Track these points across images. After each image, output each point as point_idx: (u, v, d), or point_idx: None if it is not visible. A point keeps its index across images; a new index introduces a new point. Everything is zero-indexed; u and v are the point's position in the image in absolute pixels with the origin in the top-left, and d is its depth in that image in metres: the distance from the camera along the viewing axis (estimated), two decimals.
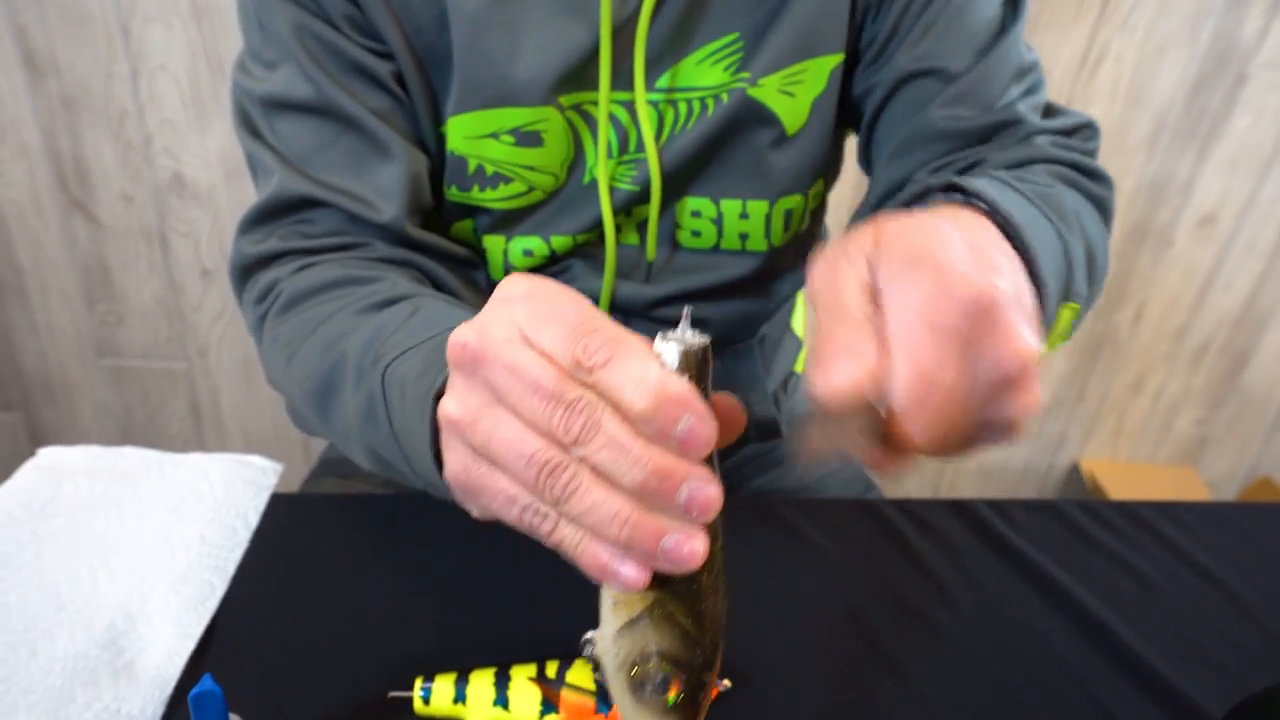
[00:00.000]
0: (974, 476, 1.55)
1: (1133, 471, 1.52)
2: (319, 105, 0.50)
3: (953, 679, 0.48)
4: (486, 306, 0.28)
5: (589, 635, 0.29)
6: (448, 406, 0.28)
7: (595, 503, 0.26)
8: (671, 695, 0.28)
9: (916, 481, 1.54)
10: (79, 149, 1.14)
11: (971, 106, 0.51)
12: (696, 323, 0.27)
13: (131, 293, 1.25)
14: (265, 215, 0.52)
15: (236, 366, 1.32)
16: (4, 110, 1.10)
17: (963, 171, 0.50)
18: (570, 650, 0.45)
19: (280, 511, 0.54)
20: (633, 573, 0.26)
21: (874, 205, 0.57)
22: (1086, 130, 0.54)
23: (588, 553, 0.27)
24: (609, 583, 0.27)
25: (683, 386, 0.25)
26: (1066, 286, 0.41)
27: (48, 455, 0.55)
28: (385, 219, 0.50)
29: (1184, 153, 1.26)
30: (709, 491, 0.25)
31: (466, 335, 0.27)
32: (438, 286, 0.53)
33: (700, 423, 0.25)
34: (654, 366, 0.25)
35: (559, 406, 0.25)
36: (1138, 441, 1.54)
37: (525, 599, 0.50)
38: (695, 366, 0.26)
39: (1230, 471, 1.57)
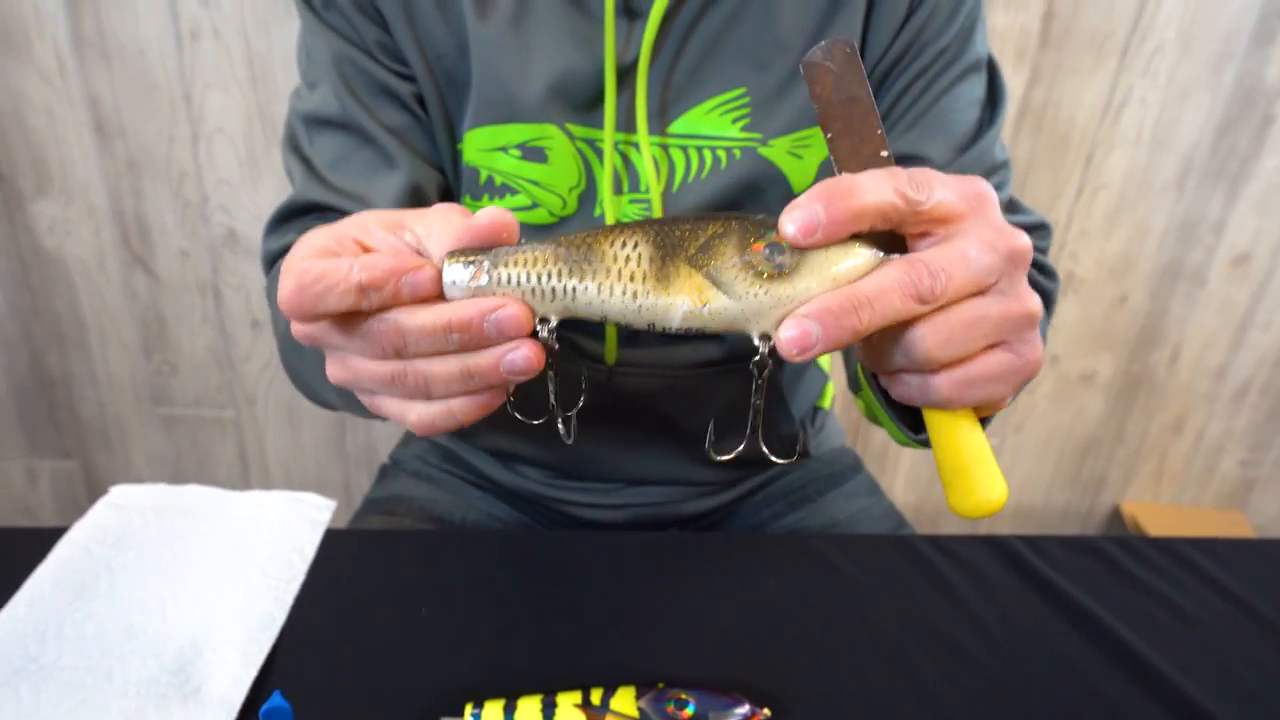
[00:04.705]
0: (1011, 519, 1.53)
1: (1177, 514, 1.50)
2: (344, 121, 0.57)
3: (988, 710, 0.49)
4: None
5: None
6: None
7: (439, 377, 0.33)
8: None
9: (953, 522, 1.52)
10: (141, 208, 1.20)
11: None
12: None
13: (185, 343, 1.30)
14: (284, 217, 0.58)
15: (282, 414, 1.36)
16: (75, 174, 1.17)
17: None
18: (614, 678, 0.47)
19: (334, 546, 0.57)
20: (520, 360, 0.33)
21: None
22: (1042, 230, 0.60)
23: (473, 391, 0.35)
24: (514, 376, 0.33)
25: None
26: None
27: (119, 493, 0.58)
28: None
29: (1213, 193, 1.26)
30: (506, 312, 0.32)
31: (285, 293, 0.34)
32: None
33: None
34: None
35: (370, 338, 0.33)
36: (1181, 484, 1.52)
37: (569, 628, 0.52)
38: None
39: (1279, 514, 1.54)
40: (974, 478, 0.36)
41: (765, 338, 0.33)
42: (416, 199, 0.57)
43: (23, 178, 1.18)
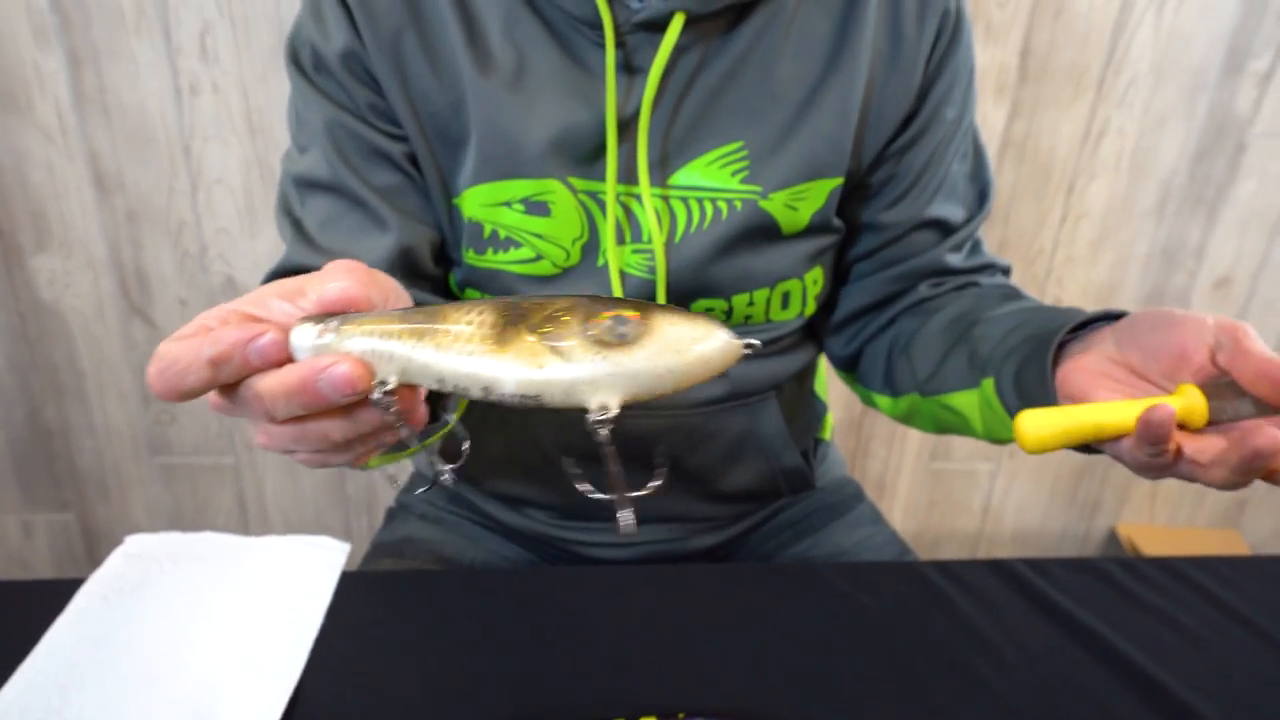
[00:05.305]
0: (1010, 543, 1.54)
1: (1173, 535, 1.51)
2: (334, 185, 0.58)
3: None
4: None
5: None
6: None
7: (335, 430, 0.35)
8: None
9: (951, 548, 1.53)
10: (140, 259, 1.22)
11: (964, 250, 0.65)
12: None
13: None
14: (274, 279, 0.58)
15: (281, 459, 1.36)
16: (74, 227, 1.19)
17: (959, 287, 0.66)
18: (634, 710, 0.47)
19: (349, 589, 0.57)
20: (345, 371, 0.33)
21: (866, 306, 0.68)
22: (1007, 269, 0.70)
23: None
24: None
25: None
26: None
27: (134, 542, 0.59)
28: None
29: (1192, 218, 1.30)
30: (338, 370, 0.32)
31: (149, 377, 0.35)
32: None
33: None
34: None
35: (247, 406, 0.34)
36: (1175, 505, 1.53)
37: (587, 662, 0.52)
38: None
39: (1274, 531, 1.55)
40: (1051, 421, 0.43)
41: (603, 409, 0.32)
42: (407, 258, 0.58)
43: (22, 233, 1.19)
